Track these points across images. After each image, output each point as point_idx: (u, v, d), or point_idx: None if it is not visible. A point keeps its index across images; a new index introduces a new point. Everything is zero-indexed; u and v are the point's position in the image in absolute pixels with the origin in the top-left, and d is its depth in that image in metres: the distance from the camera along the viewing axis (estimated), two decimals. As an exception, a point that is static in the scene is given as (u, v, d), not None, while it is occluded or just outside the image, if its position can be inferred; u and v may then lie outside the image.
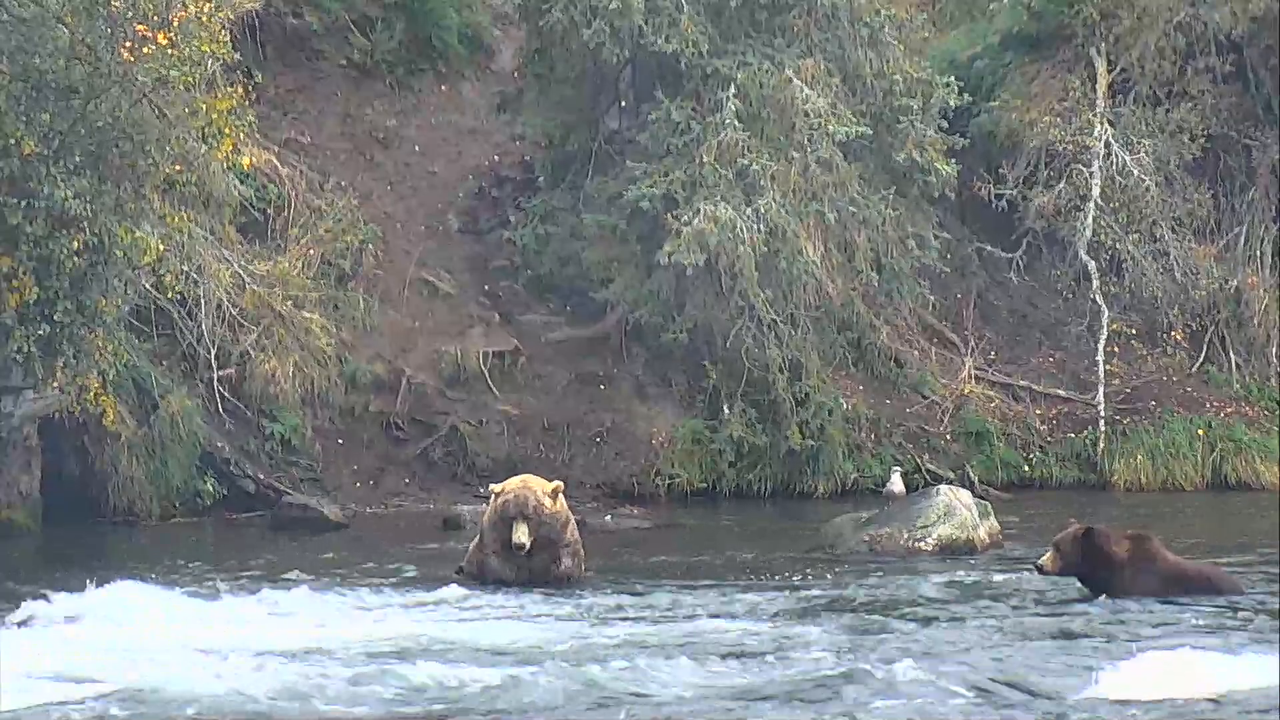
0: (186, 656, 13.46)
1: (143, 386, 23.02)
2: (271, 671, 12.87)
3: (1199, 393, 28.38)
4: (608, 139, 27.33)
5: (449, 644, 14.09)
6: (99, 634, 14.24)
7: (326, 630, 14.67)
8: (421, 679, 12.65)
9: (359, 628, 14.90)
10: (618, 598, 16.50)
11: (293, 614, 15.58)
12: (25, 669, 12.68)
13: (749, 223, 24.81)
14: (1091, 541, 16.11)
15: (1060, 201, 28.19)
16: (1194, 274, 28.61)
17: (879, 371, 27.84)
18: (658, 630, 14.76)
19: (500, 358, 26.23)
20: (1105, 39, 28.60)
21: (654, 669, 12.86)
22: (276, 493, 23.55)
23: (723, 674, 12.87)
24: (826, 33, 26.23)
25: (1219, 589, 16.16)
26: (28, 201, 18.59)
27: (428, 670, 12.88)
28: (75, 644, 13.77)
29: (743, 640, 14.24)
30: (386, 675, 12.75)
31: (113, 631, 14.37)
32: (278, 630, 14.61)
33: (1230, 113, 29.32)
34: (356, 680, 12.60)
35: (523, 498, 17.00)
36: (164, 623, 14.87)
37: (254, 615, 15.51)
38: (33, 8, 18.69)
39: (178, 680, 12.56)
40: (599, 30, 25.07)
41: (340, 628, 14.85)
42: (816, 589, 17.11)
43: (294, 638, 14.23)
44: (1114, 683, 12.10)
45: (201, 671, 12.90)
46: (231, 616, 15.38)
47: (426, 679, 12.66)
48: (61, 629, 14.53)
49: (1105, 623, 14.89)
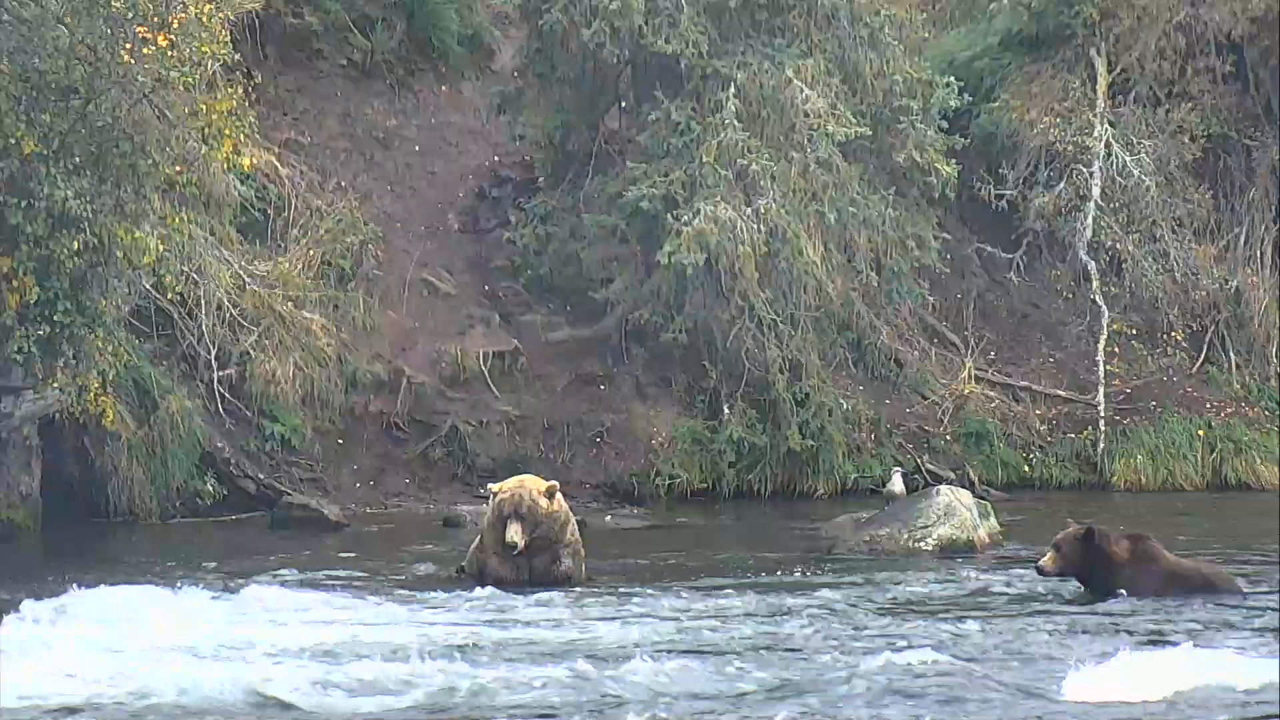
0: (186, 656, 13.47)
1: (143, 387, 23.02)
2: (270, 671, 12.87)
3: (1199, 393, 28.39)
4: (608, 139, 27.34)
5: (448, 644, 14.09)
6: (99, 634, 14.23)
7: (326, 630, 14.66)
8: (420, 679, 12.65)
9: (358, 628, 14.89)
10: (617, 598, 16.50)
11: (292, 614, 15.58)
12: (24, 669, 12.69)
13: (749, 223, 24.83)
14: (1091, 542, 16.13)
15: (1060, 202, 28.20)
16: (1194, 274, 28.62)
17: (879, 371, 27.84)
18: (658, 630, 14.76)
19: (500, 358, 26.23)
20: (1105, 39, 28.62)
21: (654, 669, 12.86)
22: (276, 493, 23.55)
23: (722, 674, 12.88)
24: (826, 33, 26.25)
25: (1218, 589, 16.18)
26: (28, 201, 18.58)
27: (427, 670, 12.88)
28: (75, 644, 13.76)
29: (742, 640, 14.24)
30: (386, 675, 12.76)
31: (112, 632, 14.36)
32: (277, 630, 14.60)
33: (1230, 113, 29.33)
34: (356, 680, 12.60)
35: (517, 497, 17.03)
36: (164, 623, 14.86)
37: (254, 615, 15.50)
38: (33, 8, 18.68)
39: (177, 680, 12.56)
40: (599, 30, 25.08)
41: (340, 628, 14.84)
42: (816, 589, 17.10)
43: (293, 638, 14.23)
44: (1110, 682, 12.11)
45: (201, 671, 12.91)
46: (231, 616, 15.38)
47: (425, 679, 12.66)
48: (61, 629, 14.51)
49: (1103, 623, 14.90)
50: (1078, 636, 14.33)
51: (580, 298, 26.96)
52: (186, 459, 23.26)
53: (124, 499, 22.81)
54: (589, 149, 27.17)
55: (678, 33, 25.27)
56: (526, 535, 16.98)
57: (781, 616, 15.48)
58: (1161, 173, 28.34)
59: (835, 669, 12.93)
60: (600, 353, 26.83)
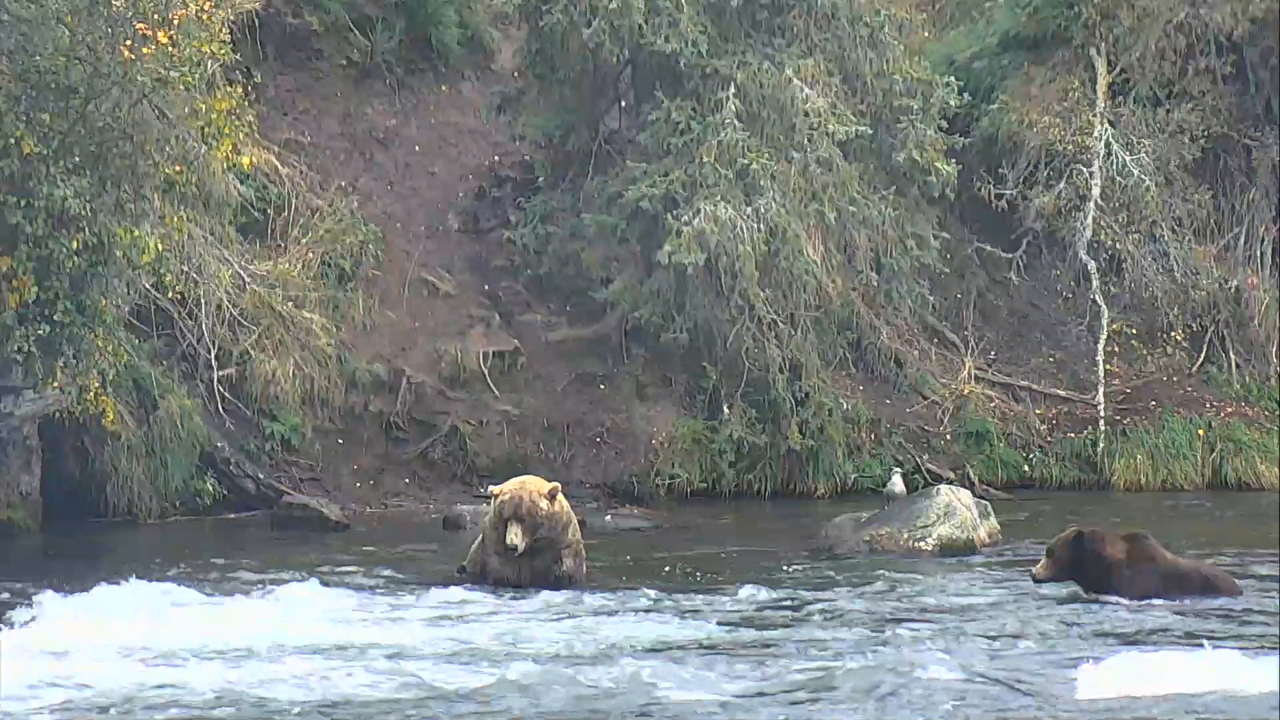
0: (185, 656, 13.48)
1: (143, 386, 23.01)
2: (270, 671, 12.89)
3: (1199, 393, 28.37)
4: (608, 139, 27.32)
5: (449, 644, 14.10)
6: (99, 634, 14.24)
7: (326, 630, 14.68)
8: (420, 679, 12.67)
9: (358, 628, 14.91)
10: (618, 598, 16.51)
11: (292, 614, 15.58)
12: (25, 669, 12.70)
13: (749, 223, 24.82)
14: (1082, 545, 16.13)
15: (1060, 202, 28.17)
16: (1194, 274, 28.59)
17: (879, 371, 27.83)
18: (658, 630, 14.77)
19: (500, 358, 26.23)
20: (1105, 39, 28.60)
21: (655, 669, 12.88)
22: (276, 493, 23.55)
23: (723, 674, 12.89)
24: (826, 33, 26.24)
25: (1217, 589, 16.18)
26: (28, 201, 18.59)
27: (427, 670, 12.90)
28: (75, 644, 13.78)
29: (742, 640, 14.25)
30: (386, 675, 12.77)
31: (112, 631, 14.37)
32: (276, 630, 14.61)
33: (1230, 113, 29.30)
34: (356, 680, 12.61)
35: (517, 499, 17.04)
36: (163, 623, 14.87)
37: (253, 615, 15.52)
38: (33, 8, 18.68)
39: (177, 680, 12.57)
40: (599, 30, 25.07)
41: (339, 628, 14.86)
42: (816, 589, 17.12)
43: (292, 638, 14.25)
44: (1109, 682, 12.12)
45: (200, 671, 12.92)
46: (231, 616, 15.40)
47: (425, 679, 12.67)
48: (61, 629, 14.52)
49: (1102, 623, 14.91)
50: (1077, 637, 14.34)
51: (580, 298, 26.95)
52: (186, 459, 23.24)
53: (124, 498, 22.80)
54: (589, 149, 27.14)
55: (677, 32, 25.26)
56: (527, 538, 16.99)
57: (781, 616, 15.49)
58: (1161, 173, 28.33)
59: (834, 669, 12.94)
60: (600, 353, 26.81)
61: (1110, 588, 16.04)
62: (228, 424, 24.22)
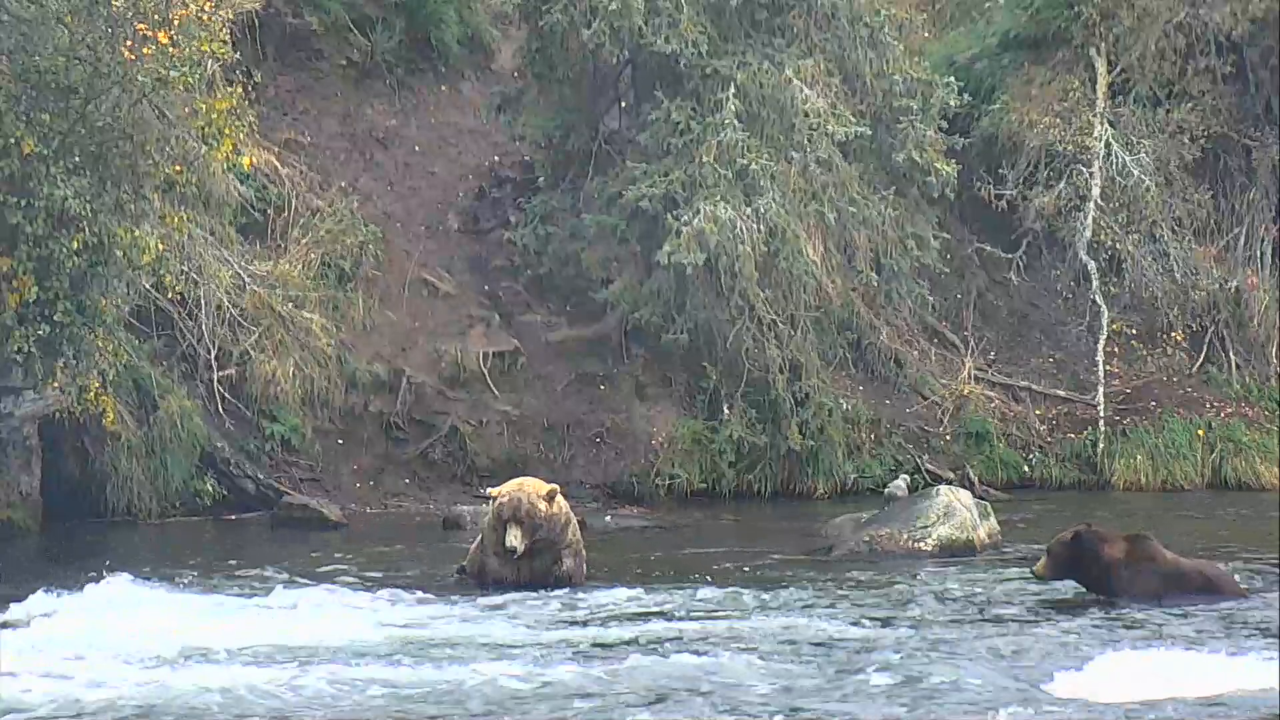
0: (185, 656, 13.48)
1: (143, 387, 23.02)
2: (270, 671, 12.89)
3: (1199, 393, 28.37)
4: (608, 139, 27.31)
5: (448, 644, 14.11)
6: (99, 634, 14.24)
7: (325, 630, 14.68)
8: (420, 679, 12.67)
9: (358, 628, 14.91)
10: (618, 598, 16.51)
11: (291, 614, 15.59)
12: (24, 669, 12.70)
13: (749, 223, 24.82)
14: (1081, 545, 16.13)
15: (1060, 202, 28.18)
16: (1194, 274, 28.60)
17: (879, 372, 27.84)
18: (658, 630, 14.77)
19: (500, 358, 26.22)
20: (1105, 39, 28.61)
21: (655, 669, 12.88)
22: (276, 493, 23.55)
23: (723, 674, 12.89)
24: (826, 33, 26.24)
25: (1218, 589, 16.18)
26: (28, 201, 18.58)
27: (426, 671, 12.90)
28: (74, 643, 13.78)
29: (741, 640, 14.25)
30: (386, 676, 12.78)
31: (112, 631, 14.37)
32: (276, 630, 14.62)
33: (1230, 113, 29.32)
34: (356, 680, 12.62)
35: (516, 501, 17.03)
36: (163, 623, 14.87)
37: (253, 615, 15.52)
38: (33, 8, 18.68)
39: (176, 680, 12.57)
40: (599, 30, 25.07)
41: (339, 628, 14.85)
42: (816, 589, 17.12)
43: (292, 638, 14.25)
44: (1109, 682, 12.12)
45: (199, 671, 12.92)
46: (230, 616, 15.40)
47: (425, 679, 12.68)
48: (61, 629, 14.53)
49: (1102, 623, 14.91)
50: (1077, 637, 14.34)
51: (580, 298, 26.95)
52: (186, 459, 23.24)
53: (124, 498, 22.80)
54: (589, 149, 27.14)
55: (677, 32, 25.27)
56: (526, 539, 16.99)
57: (780, 616, 15.49)
58: (1161, 173, 28.34)
59: (833, 669, 12.95)
60: (600, 353, 26.81)
61: (1111, 588, 16.04)
62: (228, 424, 24.21)
